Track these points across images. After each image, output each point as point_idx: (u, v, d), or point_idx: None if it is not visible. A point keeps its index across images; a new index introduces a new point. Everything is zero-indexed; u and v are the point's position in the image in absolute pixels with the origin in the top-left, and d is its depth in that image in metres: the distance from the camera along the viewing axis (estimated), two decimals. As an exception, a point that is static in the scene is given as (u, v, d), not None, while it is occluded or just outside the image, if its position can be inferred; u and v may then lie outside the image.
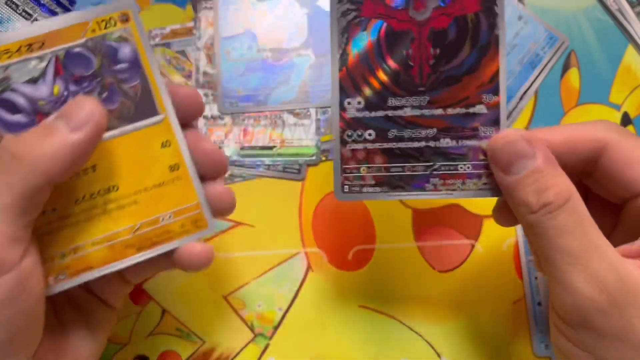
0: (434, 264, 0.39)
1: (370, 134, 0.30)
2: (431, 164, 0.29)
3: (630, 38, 0.43)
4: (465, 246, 0.39)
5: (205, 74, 0.42)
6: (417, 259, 0.39)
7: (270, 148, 0.41)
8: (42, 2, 0.41)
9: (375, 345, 0.38)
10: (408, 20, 0.29)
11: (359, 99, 0.30)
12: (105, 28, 0.27)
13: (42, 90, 0.26)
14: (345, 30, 0.29)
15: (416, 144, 0.30)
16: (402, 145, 0.30)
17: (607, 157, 0.27)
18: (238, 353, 0.38)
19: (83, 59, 0.27)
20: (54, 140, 0.24)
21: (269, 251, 0.39)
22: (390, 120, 0.30)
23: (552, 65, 0.43)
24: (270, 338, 0.38)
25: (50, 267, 0.27)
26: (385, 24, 0.29)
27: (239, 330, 0.38)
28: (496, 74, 0.29)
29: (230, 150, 0.41)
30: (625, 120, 0.42)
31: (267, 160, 0.41)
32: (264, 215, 0.40)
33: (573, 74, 0.43)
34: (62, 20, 0.26)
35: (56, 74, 0.26)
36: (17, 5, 0.41)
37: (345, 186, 0.30)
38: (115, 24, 0.27)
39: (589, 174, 0.29)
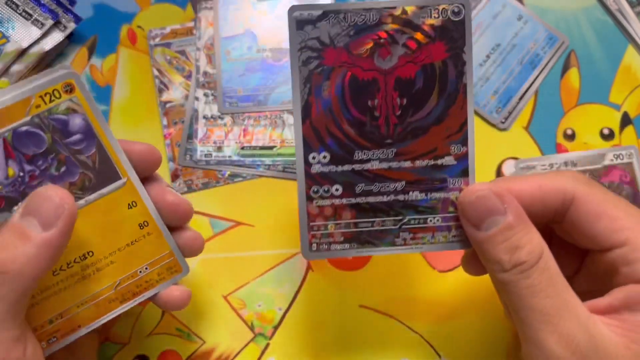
0: (434, 264, 0.39)
1: (337, 189, 0.28)
2: (400, 218, 0.29)
3: (630, 38, 0.43)
4: (465, 246, 0.39)
5: (205, 74, 0.42)
6: (417, 259, 0.39)
7: (271, 148, 0.41)
8: (42, 2, 0.41)
9: (375, 345, 0.38)
10: (373, 69, 0.28)
11: (324, 153, 0.28)
12: (50, 101, 0.26)
13: None
14: (308, 80, 0.28)
15: (385, 198, 0.29)
16: (370, 199, 0.29)
17: (574, 210, 0.27)
18: (238, 353, 0.38)
19: (32, 137, 0.26)
20: (30, 243, 0.24)
21: (269, 251, 0.39)
22: (358, 174, 0.28)
23: (552, 65, 0.43)
24: (270, 338, 0.38)
25: (40, 335, 0.28)
26: (349, 73, 0.28)
27: (239, 330, 0.38)
28: (464, 124, 0.28)
29: (230, 150, 0.41)
30: (625, 120, 0.42)
31: (267, 160, 0.41)
32: (264, 215, 0.40)
33: (573, 74, 0.43)
34: (2, 100, 0.25)
35: (7, 156, 0.25)
36: (17, 6, 0.41)
37: (313, 244, 0.29)
38: (59, 96, 0.26)
39: (556, 222, 0.28)
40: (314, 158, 0.28)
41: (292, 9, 0.27)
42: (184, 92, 0.42)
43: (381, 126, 0.28)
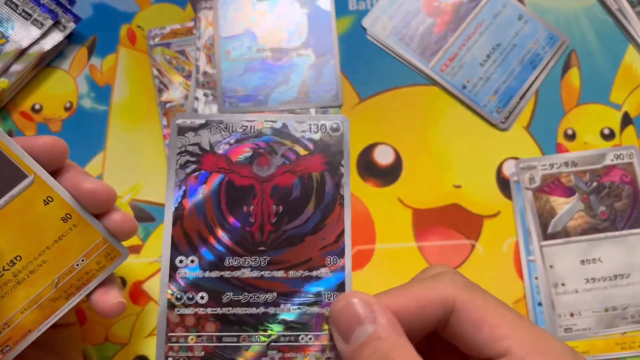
0: (434, 264, 0.39)
1: (202, 297, 0.26)
2: (269, 334, 0.26)
3: (631, 38, 0.43)
4: (466, 246, 0.39)
5: (205, 74, 0.42)
6: (417, 259, 0.39)
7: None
8: (41, 2, 0.41)
9: (375, 346, 0.38)
10: (251, 176, 0.27)
11: (193, 257, 0.27)
12: None
13: None
14: (184, 183, 0.27)
15: (254, 310, 0.26)
16: (238, 310, 0.26)
17: (455, 318, 0.25)
18: (238, 353, 0.38)
19: None
20: None
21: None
22: (226, 281, 0.27)
23: (553, 65, 0.43)
24: (270, 338, 0.38)
25: None
26: (226, 178, 0.27)
27: (239, 330, 0.38)
28: (341, 235, 0.27)
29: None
30: (626, 119, 0.42)
31: (267, 161, 0.41)
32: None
33: (573, 74, 0.43)
34: None
35: None
36: (16, 5, 0.41)
37: (169, 358, 0.26)
38: None
39: (439, 330, 0.26)
40: (181, 262, 0.27)
41: (176, 117, 0.27)
42: (183, 92, 0.42)
43: (255, 233, 0.27)
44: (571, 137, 0.41)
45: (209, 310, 0.26)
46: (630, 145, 0.40)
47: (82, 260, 0.29)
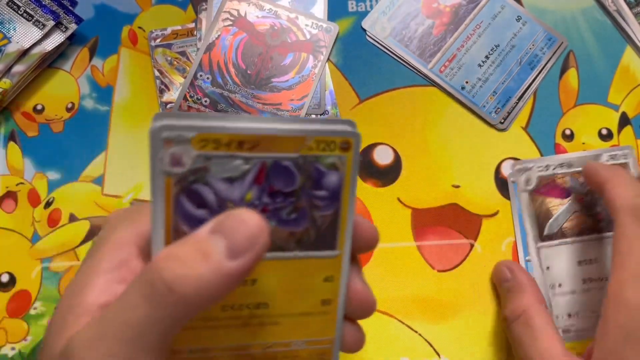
0: (433, 263, 0.39)
1: (206, 101, 0.40)
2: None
3: (629, 39, 0.43)
4: (465, 246, 0.40)
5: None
6: (416, 258, 0.39)
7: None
8: (43, 3, 0.41)
9: (375, 345, 0.38)
10: (264, 42, 0.42)
11: (208, 75, 0.41)
12: (323, 150, 0.24)
13: (235, 193, 0.23)
14: (220, 30, 0.40)
15: None
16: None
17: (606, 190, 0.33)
18: (239, 352, 0.38)
19: (288, 174, 0.24)
20: (211, 268, 0.20)
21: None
22: (223, 97, 0.40)
23: (551, 66, 0.43)
24: (271, 337, 0.38)
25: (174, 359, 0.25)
26: (247, 37, 0.42)
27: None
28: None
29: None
30: (624, 120, 0.42)
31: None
32: (264, 215, 0.40)
33: (572, 75, 0.43)
34: (282, 127, 0.23)
35: (256, 180, 0.23)
36: (18, 7, 0.41)
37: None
38: (333, 149, 0.24)
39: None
40: (200, 76, 0.40)
41: None
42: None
43: (252, 75, 0.41)
44: (569, 137, 0.42)
45: (207, 110, 0.40)
46: (625, 146, 0.40)
47: (302, 344, 0.27)
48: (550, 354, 0.31)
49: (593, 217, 0.38)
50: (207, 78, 0.41)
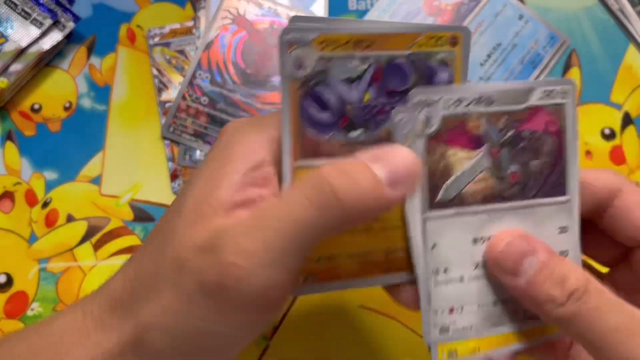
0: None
1: (204, 100, 0.40)
2: None
3: (632, 37, 0.43)
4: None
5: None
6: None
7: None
8: (41, 1, 0.41)
9: (375, 346, 0.38)
10: (264, 40, 0.42)
11: (207, 74, 0.41)
12: (433, 46, 0.24)
13: (353, 94, 0.24)
14: (219, 29, 0.40)
15: (225, 118, 0.40)
16: (223, 115, 0.40)
17: (621, 199, 0.28)
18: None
19: (402, 72, 0.24)
20: (373, 187, 0.22)
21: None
22: (223, 96, 0.40)
23: (553, 65, 0.43)
24: (270, 339, 0.38)
25: (303, 268, 0.25)
26: (247, 36, 0.42)
27: (239, 330, 0.38)
28: None
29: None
30: (626, 120, 0.42)
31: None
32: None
33: (574, 74, 0.43)
34: (396, 26, 0.24)
35: (372, 80, 0.24)
36: (16, 5, 0.41)
37: (171, 127, 0.40)
38: (442, 45, 0.24)
39: (599, 215, 0.29)
40: (200, 74, 0.41)
41: None
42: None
43: (251, 74, 0.42)
44: (572, 137, 0.41)
45: (206, 109, 0.40)
46: (566, 79, 0.29)
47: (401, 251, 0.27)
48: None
49: (504, 180, 0.27)
50: (206, 77, 0.41)
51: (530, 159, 0.27)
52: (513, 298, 0.27)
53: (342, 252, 0.26)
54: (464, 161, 0.27)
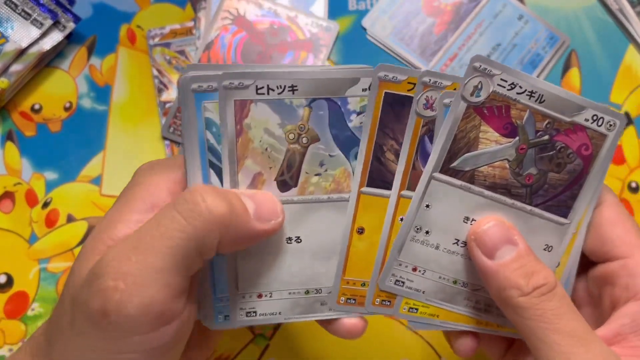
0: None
1: None
2: None
3: (631, 38, 0.43)
4: (466, 246, 0.39)
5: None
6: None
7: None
8: (41, 1, 0.41)
9: (375, 346, 0.38)
10: (263, 42, 0.41)
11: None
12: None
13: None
14: (219, 29, 0.40)
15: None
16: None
17: (597, 212, 0.28)
18: (238, 353, 0.38)
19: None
20: (239, 213, 0.24)
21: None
22: None
23: (553, 65, 0.43)
24: (270, 338, 0.38)
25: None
26: (247, 36, 0.41)
27: (239, 330, 0.38)
28: None
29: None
30: (626, 119, 0.42)
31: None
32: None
33: (574, 74, 0.43)
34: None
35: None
36: (16, 5, 0.41)
37: (171, 127, 0.41)
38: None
39: None
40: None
41: None
42: (183, 92, 0.42)
43: None
44: (571, 137, 0.41)
45: None
46: (619, 114, 0.28)
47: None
48: (601, 333, 0.27)
49: (519, 177, 0.28)
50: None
51: (551, 169, 0.28)
52: (473, 285, 0.29)
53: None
54: (492, 142, 0.27)
